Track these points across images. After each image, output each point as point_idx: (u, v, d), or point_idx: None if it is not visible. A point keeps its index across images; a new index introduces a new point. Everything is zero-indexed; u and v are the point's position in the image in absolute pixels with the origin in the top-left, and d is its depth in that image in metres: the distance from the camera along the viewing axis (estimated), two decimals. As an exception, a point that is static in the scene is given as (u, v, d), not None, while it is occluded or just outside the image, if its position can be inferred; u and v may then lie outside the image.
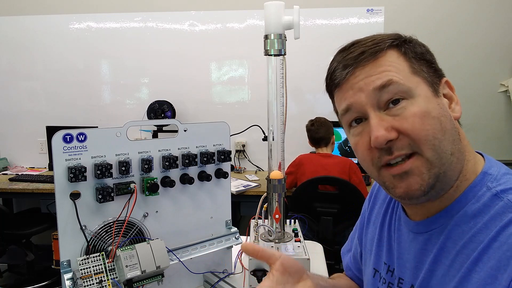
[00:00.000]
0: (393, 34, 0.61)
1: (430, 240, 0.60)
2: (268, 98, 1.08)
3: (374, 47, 0.58)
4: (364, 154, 0.59)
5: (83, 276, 0.76)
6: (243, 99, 3.05)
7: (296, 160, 2.43)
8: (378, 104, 0.56)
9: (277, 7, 1.03)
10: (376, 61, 0.57)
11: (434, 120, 0.55)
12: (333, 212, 2.18)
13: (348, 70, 0.58)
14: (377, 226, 0.77)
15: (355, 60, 0.58)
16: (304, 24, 2.86)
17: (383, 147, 0.55)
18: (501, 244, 0.50)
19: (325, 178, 2.19)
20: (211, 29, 2.98)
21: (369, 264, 0.77)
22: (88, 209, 0.80)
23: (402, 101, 0.55)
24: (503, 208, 0.53)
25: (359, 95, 0.57)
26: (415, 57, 0.58)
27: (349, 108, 0.59)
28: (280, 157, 1.10)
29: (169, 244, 0.90)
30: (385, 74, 0.56)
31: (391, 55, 0.58)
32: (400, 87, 0.55)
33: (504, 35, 2.87)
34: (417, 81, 0.57)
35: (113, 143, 0.82)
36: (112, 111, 3.10)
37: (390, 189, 0.59)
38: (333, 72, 0.61)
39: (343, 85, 0.60)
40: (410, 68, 0.57)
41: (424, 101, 0.55)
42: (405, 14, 2.90)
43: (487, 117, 2.94)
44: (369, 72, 0.57)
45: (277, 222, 1.09)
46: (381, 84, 0.56)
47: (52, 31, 3.03)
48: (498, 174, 0.58)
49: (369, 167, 0.60)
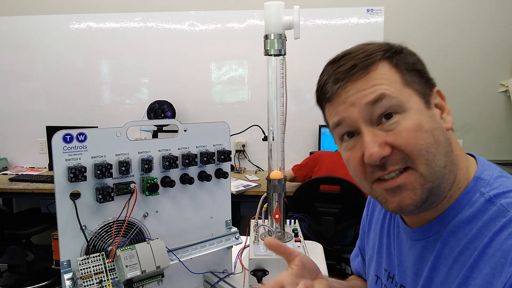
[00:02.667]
0: (383, 44, 0.59)
1: (427, 248, 0.60)
2: (268, 98, 1.08)
3: (365, 59, 0.56)
4: (357, 169, 0.58)
5: (83, 276, 0.76)
6: (243, 99, 3.05)
7: (315, 155, 2.42)
8: (371, 119, 0.55)
9: (277, 7, 1.03)
10: (368, 75, 0.56)
11: (427, 133, 0.54)
12: (335, 212, 2.18)
13: (340, 84, 0.57)
14: (377, 232, 0.77)
15: (346, 74, 0.57)
16: (304, 24, 2.86)
17: (377, 164, 0.55)
18: (495, 250, 0.50)
19: (327, 178, 2.18)
20: (211, 29, 2.98)
21: (371, 271, 0.78)
22: (88, 209, 0.80)
23: (395, 115, 0.55)
24: (496, 213, 0.53)
25: (351, 110, 0.56)
26: (406, 68, 0.57)
27: (341, 123, 0.58)
28: (280, 157, 1.10)
29: (169, 244, 0.90)
30: (377, 88, 0.55)
31: (382, 67, 0.56)
32: (392, 100, 0.54)
33: (504, 35, 2.87)
34: (409, 94, 0.56)
35: (113, 143, 0.82)
36: (112, 111, 3.10)
37: (382, 203, 0.59)
38: (323, 85, 0.60)
39: (334, 99, 0.58)
40: (402, 80, 0.56)
41: (416, 114, 0.55)
42: (405, 14, 2.90)
43: (487, 117, 2.94)
44: (361, 87, 0.56)
45: (277, 222, 1.09)
46: (373, 99, 0.54)
47: (52, 31, 3.03)
48: (490, 178, 0.58)
49: (362, 182, 0.60)
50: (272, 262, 0.99)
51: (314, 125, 2.89)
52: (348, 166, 0.61)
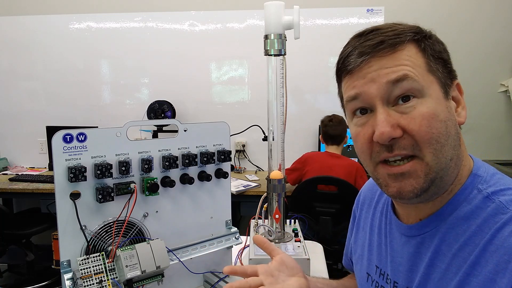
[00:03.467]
0: (413, 26, 0.58)
1: (423, 244, 0.60)
2: (268, 98, 1.08)
3: (394, 38, 0.55)
4: (364, 147, 0.58)
5: (83, 276, 0.76)
6: (243, 99, 3.05)
7: (302, 157, 2.42)
8: (388, 99, 0.55)
9: (277, 7, 1.03)
10: (394, 53, 0.55)
11: (441, 123, 0.54)
12: (332, 212, 2.18)
13: (364, 58, 0.56)
14: (366, 231, 0.77)
15: (373, 49, 0.55)
16: (304, 24, 2.86)
17: (385, 143, 0.55)
18: (497, 248, 0.50)
19: (325, 178, 2.19)
20: (211, 29, 2.98)
21: (361, 269, 0.77)
22: (88, 209, 0.80)
23: (413, 99, 0.54)
24: (495, 210, 0.53)
25: (370, 86, 0.55)
26: (433, 55, 0.56)
27: (357, 97, 0.57)
28: (280, 157, 1.10)
29: (169, 244, 0.90)
30: (401, 68, 0.54)
31: (410, 50, 0.55)
32: (414, 83, 0.54)
33: (504, 35, 2.87)
34: (431, 80, 0.55)
35: (113, 143, 0.82)
36: (112, 111, 3.10)
37: (383, 187, 0.59)
38: (346, 56, 0.59)
39: (355, 72, 0.57)
40: (426, 66, 0.55)
41: (434, 102, 0.54)
42: (405, 14, 2.90)
43: (487, 117, 2.94)
44: (385, 64, 0.55)
45: (277, 222, 1.09)
46: (395, 78, 0.54)
47: (52, 31, 3.03)
48: (487, 175, 0.58)
49: (366, 160, 0.59)
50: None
51: (314, 125, 2.89)
52: (355, 143, 0.61)
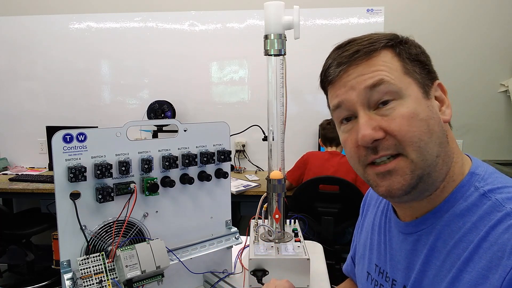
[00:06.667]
0: (390, 34, 0.61)
1: (420, 241, 0.61)
2: (268, 98, 1.08)
3: (369, 46, 0.58)
4: (352, 152, 0.60)
5: (83, 276, 0.76)
6: (243, 99, 3.05)
7: (304, 156, 2.44)
8: (368, 103, 0.57)
9: (277, 7, 1.03)
10: (370, 60, 0.58)
11: (422, 122, 0.55)
12: (334, 212, 2.18)
13: (342, 68, 0.59)
14: (368, 230, 0.78)
15: (349, 59, 0.59)
16: (304, 24, 2.86)
17: (369, 146, 0.56)
18: (491, 244, 0.50)
19: (326, 178, 2.19)
20: (211, 29, 2.98)
21: (362, 269, 0.78)
22: (88, 209, 0.80)
23: (392, 102, 0.56)
24: (491, 208, 0.53)
25: (351, 93, 0.58)
26: (409, 58, 0.59)
27: (340, 105, 0.61)
28: (280, 157, 1.10)
29: (169, 244, 0.90)
30: (377, 73, 0.57)
31: (385, 55, 0.58)
32: (390, 86, 0.56)
33: (504, 35, 2.87)
34: (408, 82, 0.57)
35: (113, 143, 0.82)
36: (112, 111, 3.10)
37: (374, 187, 0.60)
38: (327, 68, 0.62)
39: (336, 82, 0.61)
40: (402, 68, 0.58)
41: (413, 102, 0.56)
42: (405, 14, 2.90)
43: (487, 117, 2.94)
44: (361, 71, 0.58)
45: (277, 222, 1.09)
46: (372, 83, 0.56)
47: (52, 31, 3.02)
48: (485, 173, 0.58)
49: (356, 164, 0.61)
50: (272, 262, 0.99)
51: (314, 125, 2.89)
52: (345, 149, 0.63)
